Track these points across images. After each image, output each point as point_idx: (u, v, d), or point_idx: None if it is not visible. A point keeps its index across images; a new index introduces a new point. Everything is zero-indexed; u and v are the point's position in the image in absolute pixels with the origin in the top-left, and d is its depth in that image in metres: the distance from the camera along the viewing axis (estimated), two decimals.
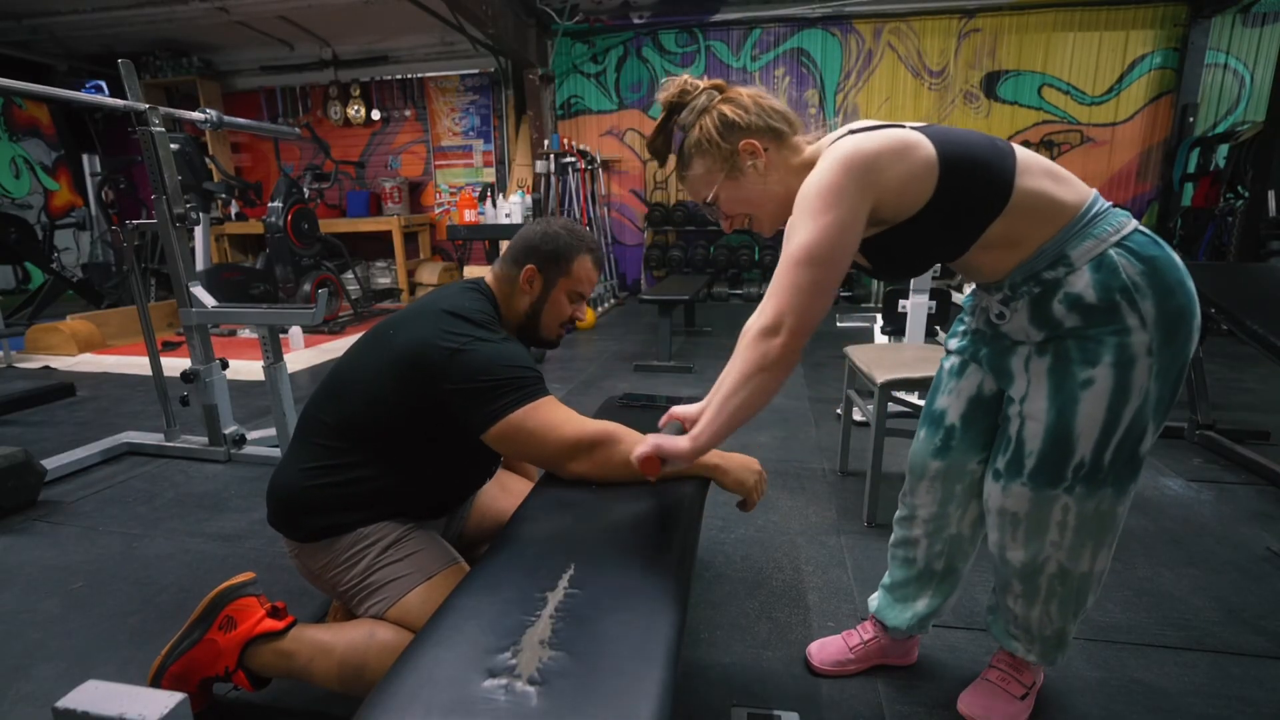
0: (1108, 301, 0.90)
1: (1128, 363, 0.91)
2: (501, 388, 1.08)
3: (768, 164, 1.01)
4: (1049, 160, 0.97)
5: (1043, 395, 0.97)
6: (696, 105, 1.02)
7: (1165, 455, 2.42)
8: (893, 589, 1.31)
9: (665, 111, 1.05)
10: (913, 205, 0.93)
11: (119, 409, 3.21)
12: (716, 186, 1.03)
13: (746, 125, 0.99)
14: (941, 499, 1.19)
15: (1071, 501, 0.99)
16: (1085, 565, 1.04)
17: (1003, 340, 1.05)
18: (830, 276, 0.91)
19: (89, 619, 1.52)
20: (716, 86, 1.03)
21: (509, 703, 0.65)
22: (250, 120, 3.19)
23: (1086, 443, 0.95)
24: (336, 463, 1.17)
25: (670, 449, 0.99)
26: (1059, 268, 0.93)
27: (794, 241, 0.91)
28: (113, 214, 6.19)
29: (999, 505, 1.05)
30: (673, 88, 1.03)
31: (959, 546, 1.22)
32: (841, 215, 0.89)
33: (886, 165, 0.90)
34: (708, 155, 1.02)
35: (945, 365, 1.19)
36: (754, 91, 1.03)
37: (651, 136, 1.08)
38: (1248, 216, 4.45)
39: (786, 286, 0.91)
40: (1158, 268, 0.91)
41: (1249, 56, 5.52)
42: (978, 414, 1.13)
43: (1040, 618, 1.09)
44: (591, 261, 1.32)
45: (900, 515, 1.28)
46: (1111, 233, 0.92)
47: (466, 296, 1.23)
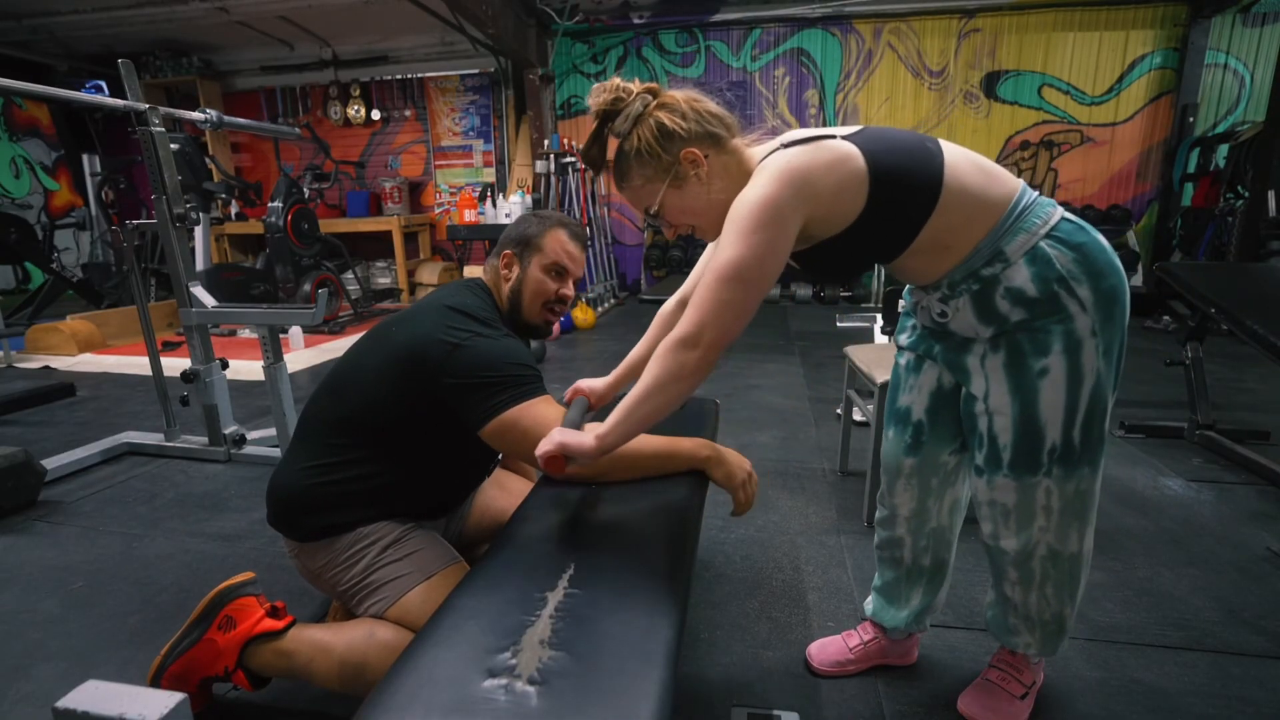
0: (1047, 292, 0.93)
1: (1076, 347, 0.95)
2: (499, 384, 1.09)
3: (709, 171, 0.99)
4: (977, 155, 0.98)
5: (1004, 390, 0.99)
6: (631, 113, 0.98)
7: (1165, 455, 2.42)
8: (884, 590, 1.32)
9: (598, 119, 1.01)
10: (843, 220, 0.94)
11: (119, 409, 3.21)
12: (660, 197, 1.01)
13: (686, 133, 0.97)
14: (920, 494, 1.20)
15: (1053, 484, 1.01)
16: (1074, 545, 1.06)
17: (953, 337, 1.06)
18: (755, 294, 0.91)
19: (89, 619, 1.52)
20: (650, 90, 0.99)
21: (509, 703, 0.65)
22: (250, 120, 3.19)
23: (1054, 428, 0.98)
24: (337, 461, 1.17)
25: (575, 448, 0.97)
26: (996, 264, 0.95)
27: (722, 257, 0.90)
28: (113, 214, 6.20)
29: (988, 499, 1.07)
30: (604, 94, 0.99)
31: (942, 538, 1.24)
32: (771, 235, 0.89)
33: (818, 181, 0.90)
34: (648, 166, 0.99)
35: (901, 362, 1.21)
36: (689, 95, 1.00)
37: (586, 146, 1.04)
38: (1248, 216, 4.46)
39: (710, 301, 0.90)
40: (1087, 253, 0.94)
41: (1249, 56, 5.52)
42: (942, 406, 1.14)
43: (1039, 602, 1.11)
44: (566, 234, 1.31)
45: (881, 516, 1.29)
46: (1040, 224, 0.94)
47: (467, 293, 1.24)
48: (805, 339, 4.60)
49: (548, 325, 1.35)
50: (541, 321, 1.33)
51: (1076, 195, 5.96)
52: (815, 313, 5.67)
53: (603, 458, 0.98)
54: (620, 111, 0.99)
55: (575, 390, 1.33)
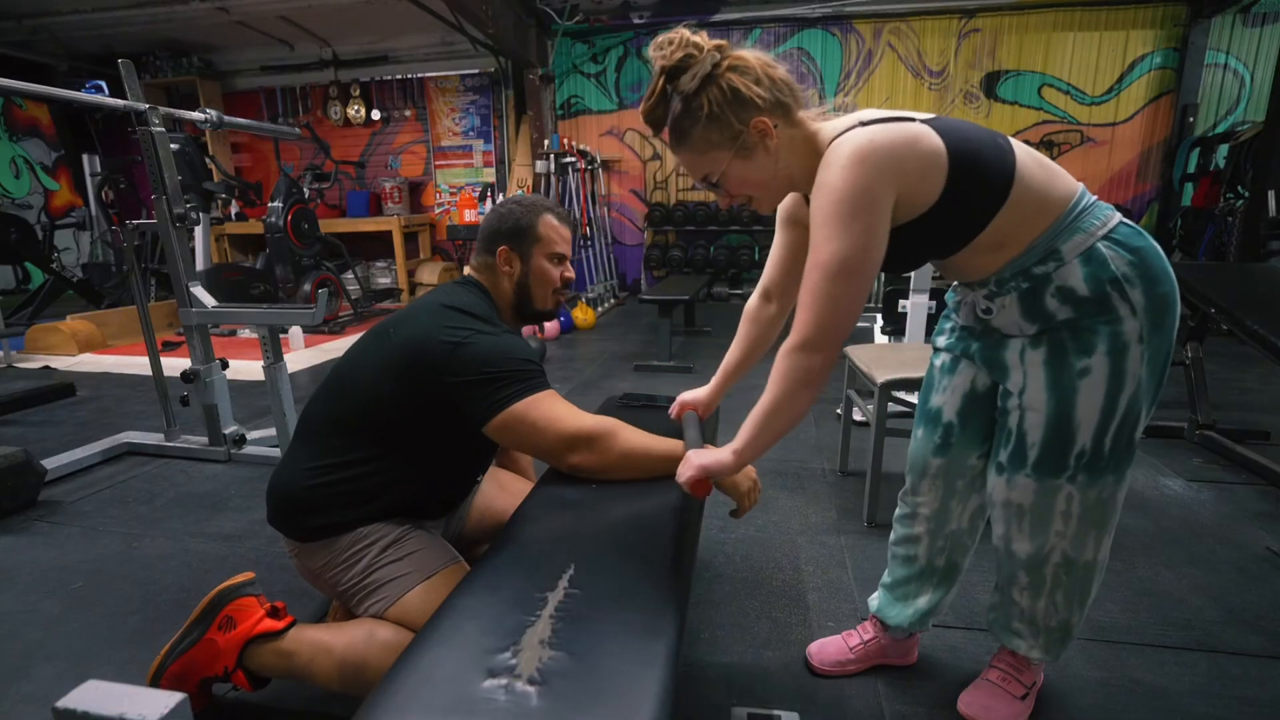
0: (1099, 293, 0.91)
1: (1121, 350, 0.92)
2: (503, 379, 1.09)
3: (777, 144, 0.94)
4: (1040, 155, 0.97)
5: (1041, 386, 0.97)
6: (700, 71, 0.90)
7: (1165, 455, 2.42)
8: (893, 587, 1.31)
9: (661, 75, 0.92)
10: (922, 203, 0.91)
11: (119, 409, 3.21)
12: (724, 166, 0.96)
13: (759, 101, 0.91)
14: (944, 495, 1.19)
15: (1075, 490, 0.99)
16: (1089, 554, 1.04)
17: (993, 334, 1.05)
18: (866, 283, 0.89)
19: (89, 619, 1.52)
20: (719, 48, 0.92)
21: (509, 703, 0.65)
22: (250, 120, 3.19)
23: (1087, 431, 0.96)
24: (337, 461, 1.17)
25: (715, 467, 0.98)
26: (1049, 262, 0.93)
27: (824, 251, 0.87)
28: (113, 214, 6.19)
29: (1004, 498, 1.05)
30: (672, 48, 0.90)
31: (960, 541, 1.23)
32: (870, 220, 0.86)
33: (904, 159, 0.87)
34: (714, 132, 0.93)
35: (936, 363, 1.20)
36: (762, 59, 0.93)
37: (649, 104, 0.96)
38: (1248, 216, 4.45)
39: (824, 300, 0.88)
40: (1144, 258, 0.92)
41: (1249, 56, 5.52)
42: (974, 409, 1.13)
43: (1046, 609, 1.09)
44: (554, 219, 1.31)
45: (901, 514, 1.28)
46: (1099, 226, 0.93)
47: (463, 291, 1.25)
48: None
49: (558, 306, 1.38)
50: (553, 305, 1.36)
51: None
52: None
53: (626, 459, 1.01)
54: (688, 69, 0.91)
55: (681, 405, 1.32)
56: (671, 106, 0.95)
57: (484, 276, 1.33)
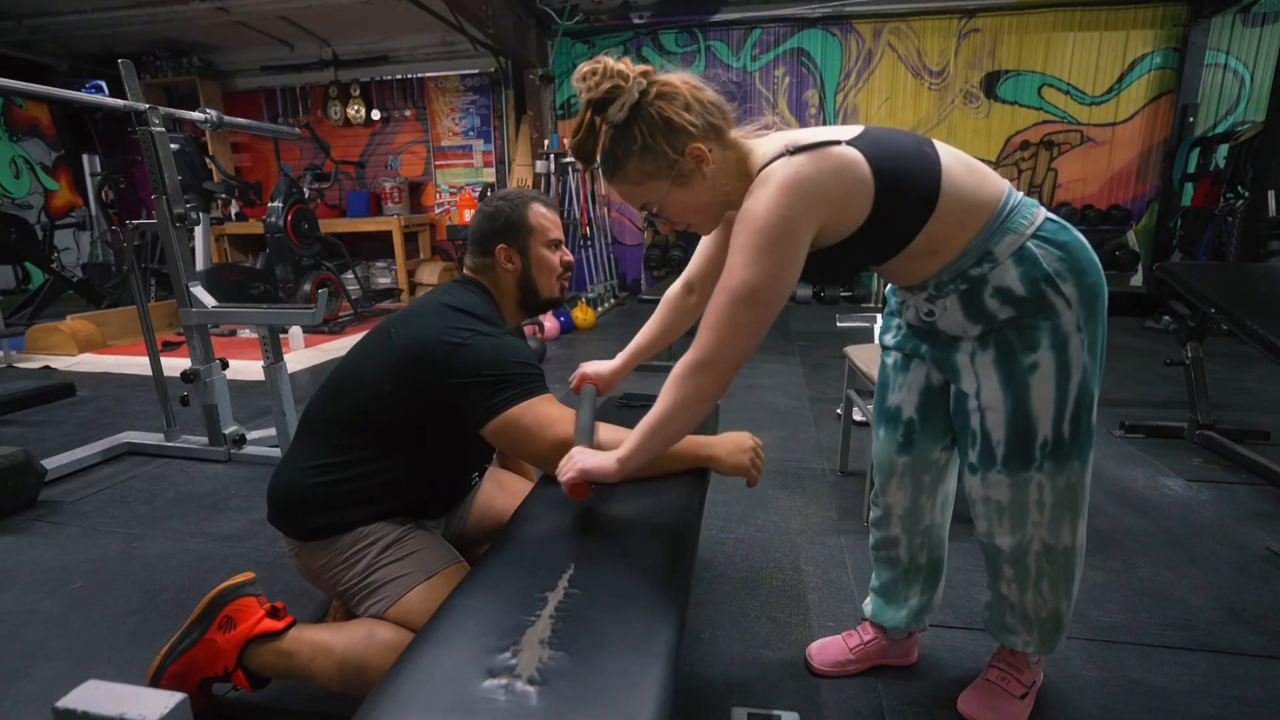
0: (1035, 291, 0.94)
1: (1063, 342, 0.96)
2: (502, 383, 1.09)
3: (713, 168, 0.93)
4: (967, 156, 0.98)
5: (995, 386, 1.00)
6: (627, 101, 0.88)
7: (1165, 455, 2.42)
8: (883, 590, 1.32)
9: (588, 108, 0.90)
10: (849, 226, 0.93)
11: (119, 409, 3.21)
12: (663, 196, 0.95)
13: (692, 129, 0.90)
14: (913, 492, 1.21)
15: (1044, 479, 1.02)
16: (1066, 539, 1.06)
17: (939, 336, 1.06)
18: (769, 314, 0.90)
19: (89, 619, 1.52)
20: (645, 74, 0.89)
21: (509, 703, 0.65)
22: (250, 120, 3.19)
23: (1046, 422, 0.99)
24: (338, 461, 1.17)
25: (598, 473, 0.98)
26: (984, 264, 0.96)
27: (735, 278, 0.87)
28: (113, 214, 6.19)
29: (983, 496, 1.07)
30: (596, 78, 0.87)
31: (936, 535, 1.25)
32: (784, 254, 0.87)
33: (827, 191, 0.88)
34: (649, 163, 0.91)
35: (888, 361, 1.21)
36: (690, 82, 0.91)
37: (578, 139, 0.93)
38: (1248, 216, 4.45)
39: (725, 324, 0.89)
40: (1071, 252, 0.95)
41: (1249, 56, 5.52)
42: (931, 404, 1.15)
43: (1035, 600, 1.11)
44: (542, 206, 1.32)
45: (875, 517, 1.29)
46: (1027, 225, 0.95)
47: (465, 292, 1.25)
48: (805, 339, 4.60)
49: (563, 292, 1.38)
50: (559, 292, 1.36)
51: (1076, 195, 5.96)
52: (815, 313, 5.67)
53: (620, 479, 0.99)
54: (615, 99, 0.88)
55: (581, 377, 1.33)
56: (601, 140, 0.93)
57: (483, 276, 1.32)
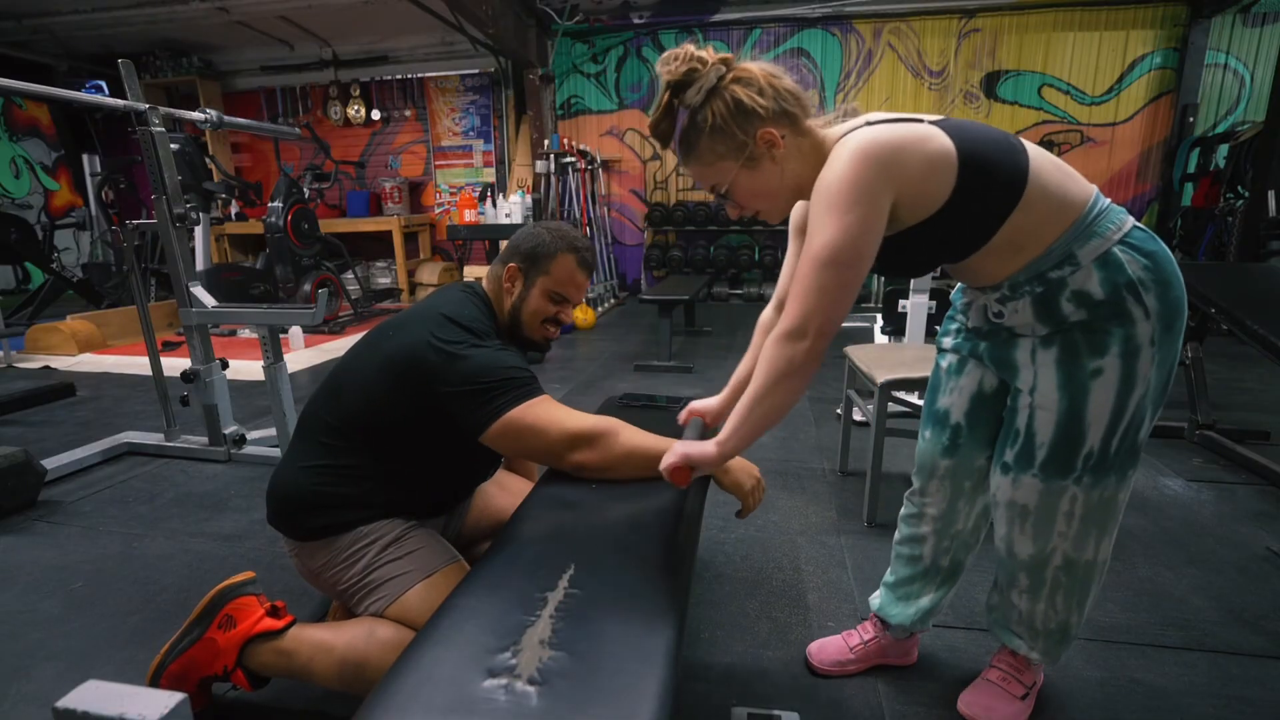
0: (1115, 296, 0.91)
1: (1134, 353, 0.92)
2: (497, 388, 1.09)
3: (784, 153, 0.95)
4: (1055, 157, 0.97)
5: (1053, 385, 0.97)
6: (705, 85, 0.92)
7: (1165, 455, 2.42)
8: (896, 586, 1.31)
9: (667, 90, 0.95)
10: (931, 204, 0.91)
11: (119, 409, 3.21)
12: (731, 177, 0.97)
13: (764, 112, 0.92)
14: (951, 496, 1.19)
15: (1079, 491, 0.99)
16: (1090, 554, 1.04)
17: (1002, 333, 1.04)
18: (855, 276, 0.89)
19: (89, 619, 1.52)
20: (724, 61, 0.93)
21: (509, 703, 0.65)
22: (250, 120, 3.19)
23: (1096, 432, 0.96)
24: (337, 462, 1.17)
25: (698, 457, 0.98)
26: (1065, 267, 0.93)
27: (816, 241, 0.88)
28: (113, 214, 6.19)
29: (1008, 498, 1.05)
30: (675, 63, 0.92)
31: (964, 542, 1.23)
32: (865, 213, 0.86)
33: (907, 157, 0.87)
34: (720, 144, 0.95)
35: (942, 364, 1.19)
36: (767, 70, 0.94)
37: (655, 118, 0.98)
38: (1248, 216, 4.45)
39: (811, 289, 0.88)
40: (1159, 262, 0.93)
41: (1249, 56, 5.52)
42: (981, 410, 1.13)
43: (1045, 611, 1.09)
44: (575, 261, 1.27)
45: (907, 513, 1.27)
46: (1114, 230, 0.92)
47: (464, 302, 1.23)
48: None
49: (546, 343, 1.33)
50: (541, 339, 1.31)
51: None
52: None
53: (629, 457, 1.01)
54: (693, 83, 0.92)
55: (689, 411, 1.32)
56: (679, 120, 0.96)
57: (490, 286, 1.32)
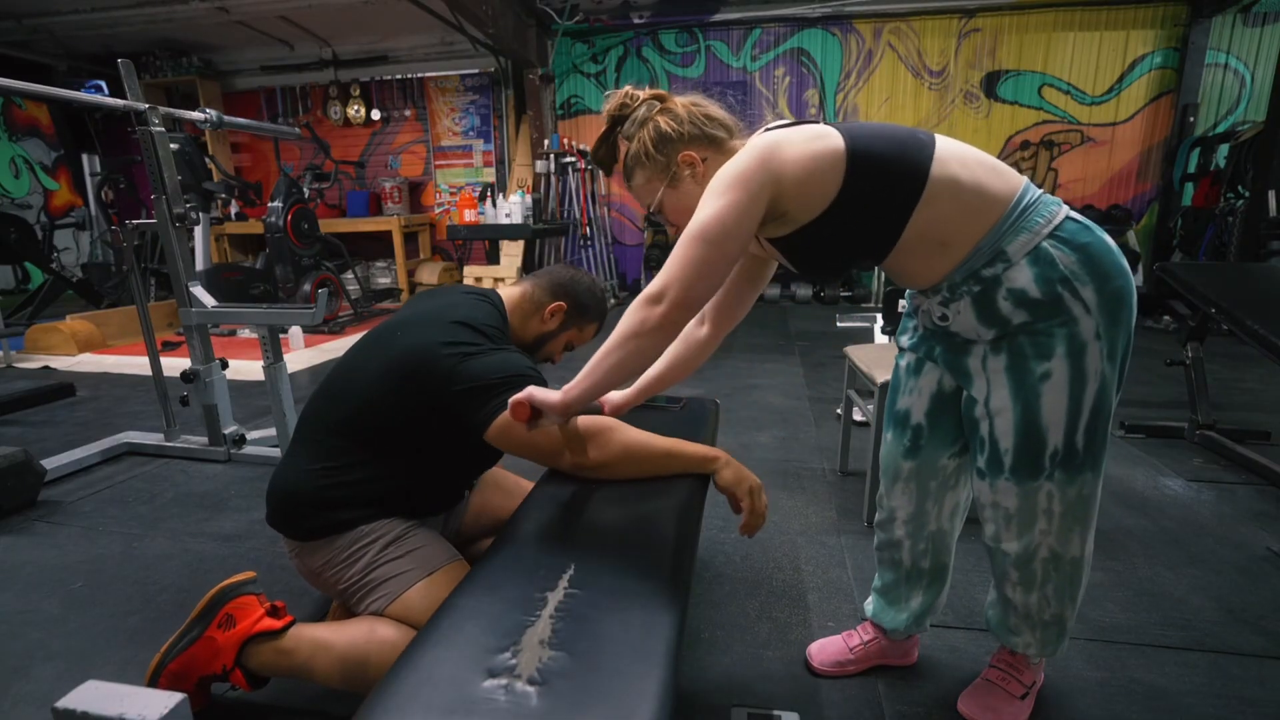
0: (1051, 294, 0.92)
1: (1079, 350, 0.93)
2: (500, 386, 1.09)
3: (704, 173, 1.03)
4: (980, 151, 0.97)
5: (1005, 393, 0.99)
6: (637, 117, 1.06)
7: (1165, 455, 2.42)
8: (884, 591, 1.31)
9: (608, 124, 1.10)
10: (821, 199, 0.94)
11: (119, 409, 3.21)
12: (659, 195, 1.08)
13: (681, 136, 1.03)
14: (918, 497, 1.20)
15: (1054, 488, 1.01)
16: (1075, 549, 1.06)
17: (954, 338, 1.05)
18: (720, 255, 0.93)
19: (89, 619, 1.52)
20: (657, 97, 1.06)
21: (509, 703, 0.65)
22: (250, 120, 3.19)
23: (1056, 432, 0.97)
24: (337, 463, 1.17)
25: (541, 399, 1.01)
26: (997, 264, 0.94)
27: (694, 220, 0.94)
28: (112, 214, 6.19)
29: (990, 501, 1.06)
30: (613, 100, 1.08)
31: (942, 541, 1.23)
32: (739, 197, 0.92)
33: (787, 150, 0.92)
34: (646, 167, 1.06)
35: (901, 364, 1.20)
36: (690, 101, 1.06)
37: (594, 148, 1.13)
38: (1248, 216, 4.45)
39: (678, 260, 0.94)
40: (1092, 254, 0.92)
41: (1249, 56, 5.52)
42: (942, 409, 1.14)
43: (1039, 602, 1.10)
44: (597, 329, 1.47)
45: (880, 519, 1.28)
46: (1044, 224, 0.93)
47: (477, 308, 1.24)
48: (805, 339, 4.60)
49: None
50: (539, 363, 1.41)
51: (1077, 195, 5.96)
52: (815, 313, 5.67)
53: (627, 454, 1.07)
54: (628, 116, 1.07)
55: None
56: (618, 150, 1.11)
57: (519, 302, 1.36)
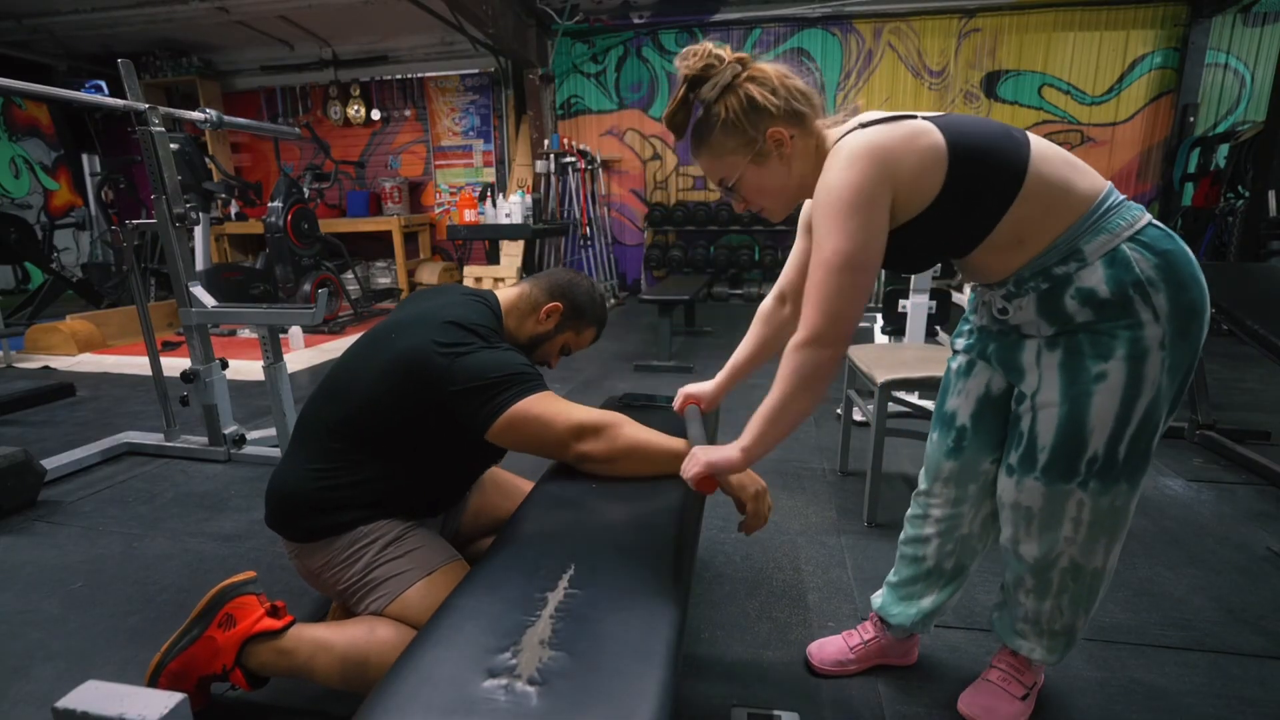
0: (1121, 296, 0.89)
1: (1140, 356, 0.90)
2: (502, 384, 1.10)
3: (791, 153, 0.98)
4: (1065, 151, 0.96)
5: (1055, 389, 0.96)
6: (720, 81, 0.95)
7: (1165, 455, 2.42)
8: (899, 586, 1.30)
9: (684, 84, 0.98)
10: (925, 198, 0.92)
11: (119, 409, 3.21)
12: (740, 172, 1.00)
13: (774, 110, 0.95)
14: (955, 499, 1.18)
15: (1086, 497, 0.98)
16: (1099, 561, 1.03)
17: (1010, 334, 1.04)
18: (869, 278, 0.91)
19: (89, 619, 1.52)
20: (741, 60, 0.96)
21: (509, 703, 0.65)
22: (250, 120, 3.18)
23: (1100, 436, 0.94)
24: (335, 463, 1.17)
25: (722, 463, 0.99)
26: (1070, 263, 0.92)
27: (827, 247, 0.90)
28: (112, 214, 6.19)
29: (1012, 500, 1.05)
30: (695, 59, 0.95)
31: (969, 545, 1.22)
32: (866, 217, 0.88)
33: (899, 156, 0.89)
34: (732, 138, 0.97)
35: (953, 366, 1.19)
36: (780, 70, 0.97)
37: (671, 109, 1.00)
38: (1248, 216, 4.45)
39: (829, 293, 0.90)
40: (1172, 261, 0.89)
41: (1249, 56, 5.52)
42: (987, 413, 1.12)
43: (1051, 611, 1.09)
44: (595, 334, 1.44)
45: (913, 513, 1.26)
46: (1125, 227, 0.91)
47: (470, 307, 1.23)
48: None
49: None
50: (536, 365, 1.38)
51: None
52: None
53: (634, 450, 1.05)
54: (709, 78, 0.96)
55: (684, 397, 1.34)
56: (693, 113, 0.99)
57: (516, 302, 1.34)
